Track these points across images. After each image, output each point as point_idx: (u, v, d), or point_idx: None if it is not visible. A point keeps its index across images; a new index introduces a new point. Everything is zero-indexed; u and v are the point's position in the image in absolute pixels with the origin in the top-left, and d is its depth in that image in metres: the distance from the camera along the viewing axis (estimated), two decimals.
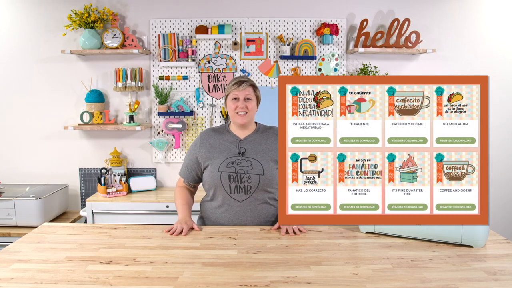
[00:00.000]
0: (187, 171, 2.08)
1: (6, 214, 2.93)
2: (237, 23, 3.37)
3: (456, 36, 3.43)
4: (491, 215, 1.81)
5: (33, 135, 3.45)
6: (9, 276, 1.38)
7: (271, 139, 2.01)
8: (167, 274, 1.40)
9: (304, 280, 1.36)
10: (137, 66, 3.36)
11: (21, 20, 3.34)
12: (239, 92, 1.95)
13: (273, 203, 1.98)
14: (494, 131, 3.37)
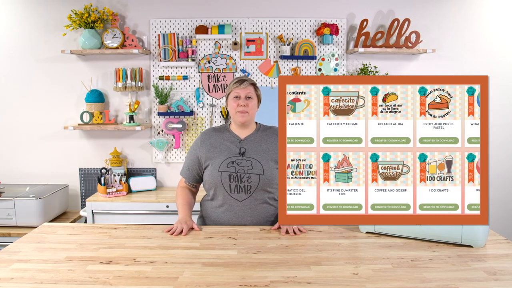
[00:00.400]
0: (188, 171, 2.08)
1: (6, 214, 2.93)
2: (237, 23, 3.37)
3: (456, 36, 3.43)
4: (491, 215, 1.81)
5: (33, 135, 3.45)
6: (9, 276, 1.38)
7: (271, 139, 2.02)
8: (167, 274, 1.40)
9: (304, 280, 1.36)
10: (137, 66, 3.36)
11: (21, 20, 3.35)
12: (241, 90, 1.96)
13: (273, 203, 1.98)
14: (494, 131, 3.38)
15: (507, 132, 3.53)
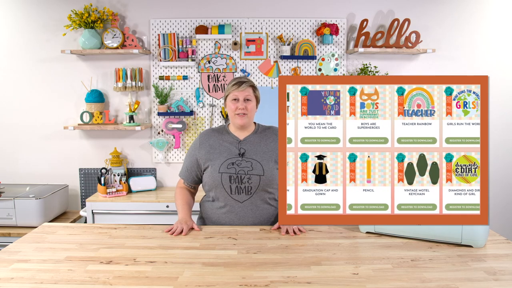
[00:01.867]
0: (187, 172, 2.08)
1: (6, 214, 2.93)
2: (237, 23, 3.37)
3: (456, 36, 3.43)
4: (491, 215, 1.81)
5: (33, 135, 3.45)
6: (9, 276, 1.38)
7: (271, 140, 2.01)
8: (167, 274, 1.40)
9: (304, 280, 1.36)
10: (137, 66, 3.36)
11: (21, 20, 3.34)
12: (239, 93, 1.95)
13: (273, 203, 1.98)
14: (494, 131, 3.38)
15: (507, 132, 3.53)
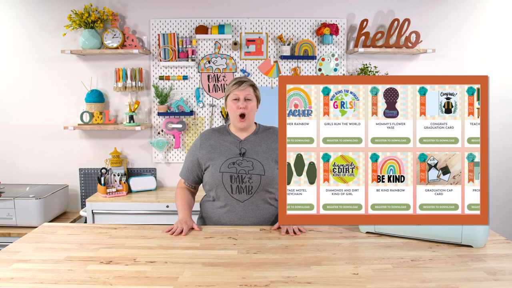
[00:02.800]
0: (187, 172, 2.08)
1: (6, 214, 2.93)
2: (237, 23, 3.37)
3: (456, 36, 3.43)
4: (491, 215, 1.81)
5: (33, 135, 3.45)
6: (9, 276, 1.38)
7: (271, 140, 2.02)
8: (167, 274, 1.40)
9: (304, 280, 1.36)
10: (137, 66, 3.36)
11: (21, 20, 3.34)
12: (239, 92, 1.95)
13: (274, 203, 1.99)
14: (494, 131, 3.38)
15: (507, 132, 3.53)
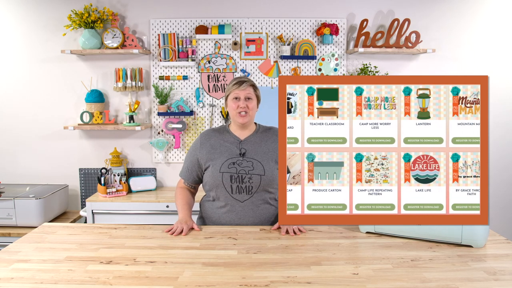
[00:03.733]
0: (187, 172, 2.08)
1: (6, 214, 2.93)
2: (237, 23, 3.37)
3: (456, 36, 3.43)
4: (491, 215, 1.81)
5: (33, 135, 3.45)
6: (9, 276, 1.38)
7: (271, 140, 2.02)
8: (167, 274, 1.40)
9: (304, 280, 1.36)
10: (137, 66, 3.36)
11: (21, 20, 3.34)
12: (240, 92, 1.96)
13: (273, 203, 1.99)
14: (493, 130, 3.38)
15: (507, 132, 3.53)
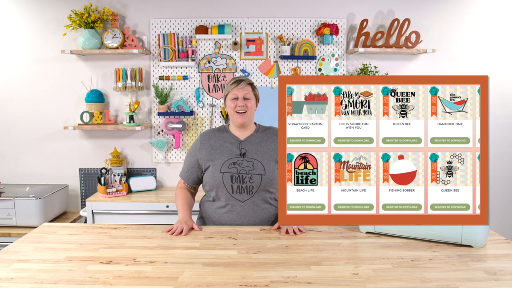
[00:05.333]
0: (187, 173, 2.08)
1: (6, 214, 2.93)
2: (237, 23, 3.37)
3: (456, 36, 3.43)
4: (491, 215, 1.81)
5: (33, 135, 3.45)
6: (9, 276, 1.38)
7: (271, 139, 2.02)
8: (167, 274, 1.40)
9: (304, 280, 1.36)
10: (137, 66, 3.36)
11: (21, 20, 3.34)
12: (238, 91, 1.96)
13: (274, 203, 1.99)
14: (493, 130, 3.38)
15: (507, 132, 3.53)
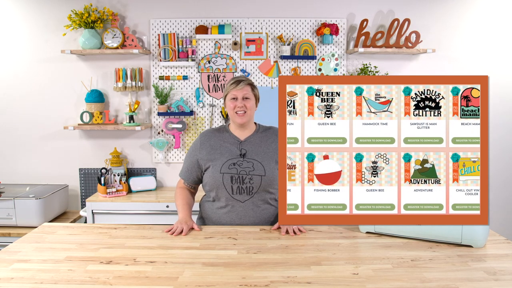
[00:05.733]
0: (187, 173, 2.07)
1: (6, 214, 2.93)
2: (237, 23, 3.37)
3: (456, 36, 3.43)
4: (491, 215, 1.81)
5: (33, 135, 3.45)
6: (9, 276, 1.38)
7: (271, 140, 2.01)
8: (167, 274, 1.40)
9: (304, 280, 1.36)
10: (137, 66, 3.36)
11: (21, 20, 3.34)
12: (237, 92, 1.96)
13: (274, 203, 1.99)
14: (493, 130, 3.38)
15: (507, 132, 3.53)
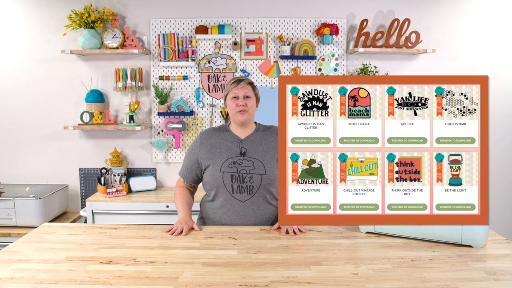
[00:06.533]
0: (187, 171, 2.07)
1: (6, 214, 2.93)
2: (237, 23, 3.37)
3: (456, 36, 3.43)
4: (491, 215, 1.81)
5: (33, 135, 3.45)
6: (9, 276, 1.38)
7: (271, 139, 2.02)
8: (167, 274, 1.40)
9: (304, 280, 1.36)
10: (137, 66, 3.36)
11: (21, 20, 3.35)
12: (238, 90, 1.96)
13: (274, 203, 1.98)
14: (494, 130, 3.38)
15: (507, 132, 3.53)
